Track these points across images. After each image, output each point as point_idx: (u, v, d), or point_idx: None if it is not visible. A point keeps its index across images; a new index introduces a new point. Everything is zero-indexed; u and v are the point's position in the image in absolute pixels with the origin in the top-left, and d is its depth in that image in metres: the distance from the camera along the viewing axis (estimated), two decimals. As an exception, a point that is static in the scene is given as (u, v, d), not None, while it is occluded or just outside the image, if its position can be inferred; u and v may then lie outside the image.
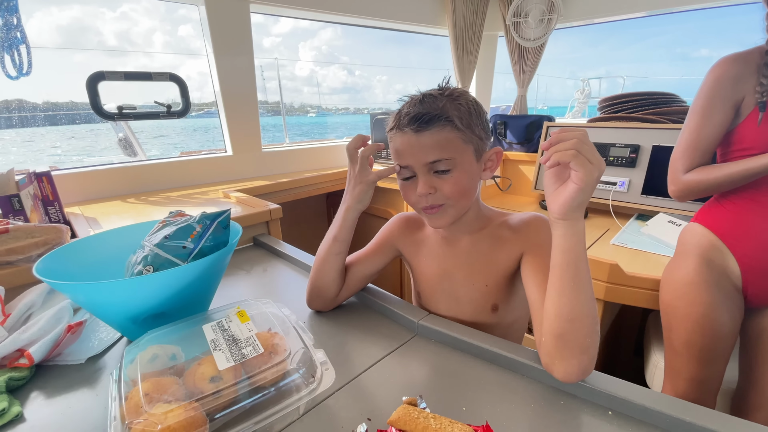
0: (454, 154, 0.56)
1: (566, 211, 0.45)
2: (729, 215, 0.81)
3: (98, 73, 1.34)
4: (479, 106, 0.58)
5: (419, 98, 0.57)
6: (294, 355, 0.45)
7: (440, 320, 0.61)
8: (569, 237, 0.46)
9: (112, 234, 0.72)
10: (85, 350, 0.61)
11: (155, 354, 0.48)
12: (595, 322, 0.46)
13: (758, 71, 0.75)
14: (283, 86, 2.96)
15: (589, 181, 0.43)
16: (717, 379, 0.81)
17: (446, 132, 0.55)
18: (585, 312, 0.46)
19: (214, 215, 0.60)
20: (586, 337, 0.46)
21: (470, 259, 0.65)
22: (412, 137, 0.55)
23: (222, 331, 0.49)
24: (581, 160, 0.42)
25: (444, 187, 0.57)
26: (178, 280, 0.54)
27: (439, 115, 0.54)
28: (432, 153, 0.55)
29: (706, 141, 0.82)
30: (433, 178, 0.57)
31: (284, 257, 0.94)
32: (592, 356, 0.46)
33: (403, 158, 0.57)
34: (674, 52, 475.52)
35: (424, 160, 0.56)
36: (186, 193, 1.44)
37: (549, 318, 0.48)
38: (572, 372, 0.46)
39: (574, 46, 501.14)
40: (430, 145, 0.55)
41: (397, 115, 0.58)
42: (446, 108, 0.55)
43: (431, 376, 0.52)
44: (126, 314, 0.54)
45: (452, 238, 0.67)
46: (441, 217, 0.60)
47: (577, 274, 0.46)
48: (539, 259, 0.57)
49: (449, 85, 0.59)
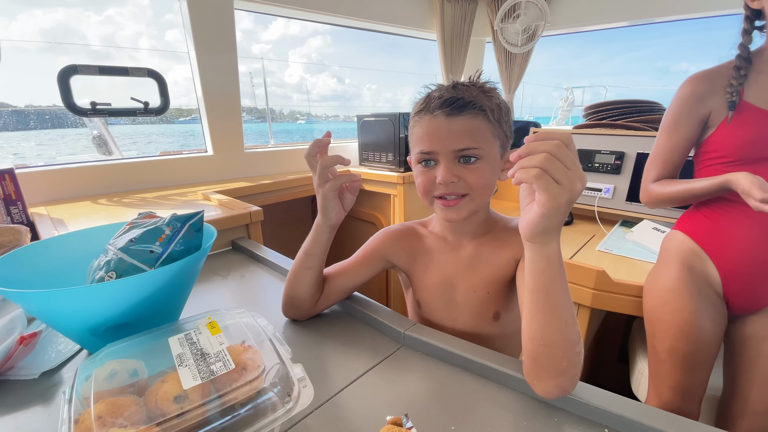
0: (483, 144, 0.53)
1: (531, 235, 0.40)
2: (708, 222, 0.83)
3: (70, 67, 1.27)
4: (507, 106, 0.57)
5: (451, 84, 0.55)
6: (269, 371, 0.41)
7: (428, 330, 0.58)
8: (537, 261, 0.42)
9: (75, 236, 0.67)
10: (39, 364, 0.55)
11: (114, 370, 0.43)
12: (572, 345, 0.42)
13: (728, 79, 0.78)
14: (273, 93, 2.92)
15: (553, 207, 0.36)
16: (701, 386, 0.81)
17: (478, 121, 0.53)
18: (559, 338, 0.42)
19: (185, 217, 0.56)
20: (562, 360, 0.43)
21: (473, 265, 0.62)
22: (442, 121, 0.53)
23: (190, 345, 0.45)
24: (545, 181, 0.36)
25: (468, 177, 0.54)
26: (143, 288, 0.50)
27: (473, 103, 0.52)
28: (463, 140, 0.52)
29: (673, 155, 0.87)
30: (458, 166, 0.54)
31: (264, 262, 0.90)
32: (572, 376, 0.44)
33: (430, 143, 0.54)
34: (655, 65, 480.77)
35: (453, 146, 0.53)
36: (162, 194, 1.38)
37: (524, 339, 0.45)
38: (550, 391, 0.44)
39: (559, 58, 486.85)
40: (461, 132, 0.52)
41: (426, 99, 0.55)
42: (479, 98, 0.53)
43: (418, 392, 0.49)
44: (84, 325, 0.49)
45: (456, 243, 0.64)
46: (460, 209, 0.56)
47: (548, 299, 0.42)
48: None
49: (480, 79, 0.58)
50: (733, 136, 0.77)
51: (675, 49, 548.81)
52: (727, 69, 0.79)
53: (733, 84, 0.77)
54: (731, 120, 0.77)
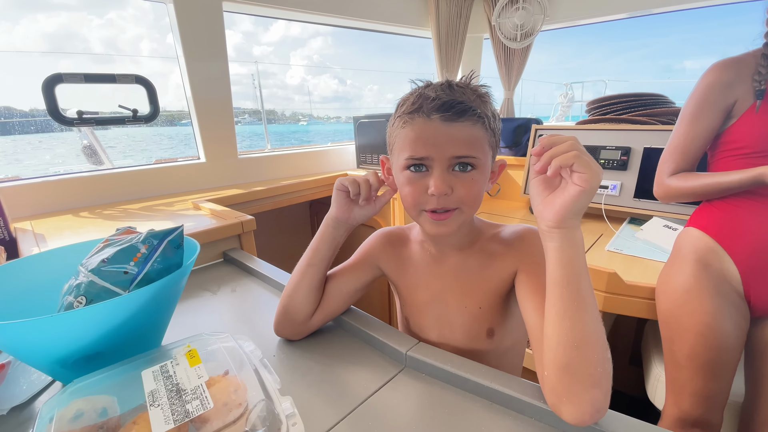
0: (480, 154, 0.49)
1: (564, 218, 0.40)
2: (723, 215, 0.79)
3: (55, 76, 1.23)
4: (498, 113, 0.53)
5: (446, 83, 0.50)
6: (253, 409, 0.37)
7: (431, 350, 0.53)
8: (567, 249, 0.40)
9: (51, 255, 0.62)
10: (9, 398, 0.51)
11: (79, 410, 0.38)
12: (604, 347, 0.39)
13: (755, 68, 0.75)
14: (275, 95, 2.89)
15: (595, 183, 0.38)
16: (724, 393, 0.76)
17: (477, 129, 0.48)
18: (593, 336, 0.39)
19: (162, 233, 0.51)
20: (597, 365, 0.38)
21: (461, 278, 0.57)
22: (440, 126, 0.48)
23: (165, 379, 0.40)
24: (585, 159, 0.38)
25: (461, 189, 0.49)
26: (116, 314, 0.45)
27: (473, 109, 0.48)
28: (461, 147, 0.48)
29: (693, 146, 0.83)
30: (451, 176, 0.49)
31: (256, 275, 0.85)
32: (606, 390, 0.39)
33: (424, 148, 0.48)
34: (658, 63, 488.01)
35: (450, 153, 0.48)
36: (152, 204, 1.33)
37: (551, 346, 0.40)
38: (584, 411, 0.38)
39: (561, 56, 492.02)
40: (459, 139, 0.48)
41: (419, 99, 0.49)
42: (477, 103, 0.49)
43: (423, 421, 0.44)
44: (51, 357, 0.45)
45: (440, 255, 0.59)
46: (450, 223, 0.51)
47: (580, 291, 0.40)
48: (536, 279, 0.49)
49: (474, 82, 0.52)
50: (757, 127, 0.74)
51: (678, 47, 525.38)
52: (753, 57, 0.76)
53: (762, 72, 0.73)
54: (759, 109, 0.74)
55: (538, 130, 1.60)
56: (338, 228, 0.59)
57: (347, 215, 0.58)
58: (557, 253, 0.41)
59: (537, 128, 1.61)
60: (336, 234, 0.59)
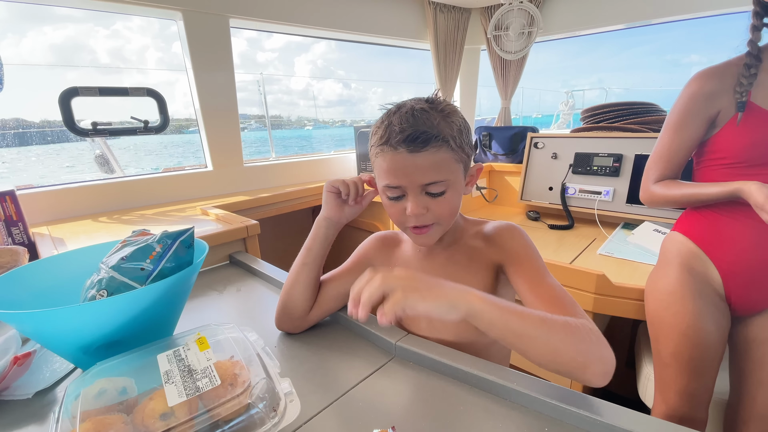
0: (448, 175, 0.53)
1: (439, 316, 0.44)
2: (706, 222, 0.81)
3: (71, 89, 1.30)
4: (466, 123, 0.57)
5: (410, 112, 0.52)
6: (255, 386, 0.41)
7: (419, 341, 0.57)
8: (476, 321, 0.45)
9: (71, 255, 0.68)
10: (34, 383, 0.56)
11: (102, 388, 0.43)
12: (574, 344, 0.44)
13: (737, 78, 0.75)
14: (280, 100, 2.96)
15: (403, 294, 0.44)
16: (707, 390, 0.79)
17: (442, 153, 0.52)
18: (554, 354, 0.44)
19: (175, 234, 0.56)
20: (577, 356, 0.44)
21: (449, 272, 0.62)
22: (406, 157, 0.51)
23: (178, 361, 0.45)
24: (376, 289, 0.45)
25: (436, 208, 0.54)
26: (133, 305, 0.50)
27: (436, 135, 0.51)
28: (428, 175, 0.52)
29: (676, 155, 0.84)
30: (425, 198, 0.54)
31: (260, 276, 0.90)
32: (604, 359, 0.45)
33: (396, 178, 0.53)
34: (664, 59, 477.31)
35: (419, 181, 0.52)
36: (162, 211, 1.39)
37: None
38: (596, 381, 0.45)
39: (564, 56, 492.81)
40: (426, 167, 0.52)
41: (387, 130, 0.52)
42: (441, 127, 0.52)
43: (408, 404, 0.48)
44: (75, 344, 0.50)
45: (429, 252, 0.64)
46: (431, 236, 0.57)
47: (517, 332, 0.44)
48: (523, 268, 0.56)
49: (438, 99, 0.56)
50: (739, 139, 0.74)
51: (684, 42, 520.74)
52: (736, 66, 0.76)
53: (743, 83, 0.73)
54: (740, 122, 0.74)
55: (533, 138, 1.65)
56: (330, 227, 0.64)
57: (339, 215, 0.63)
58: (476, 325, 0.45)
59: (532, 136, 1.66)
60: (328, 233, 0.64)
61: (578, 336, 0.44)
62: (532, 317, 0.45)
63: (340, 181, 0.62)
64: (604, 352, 0.45)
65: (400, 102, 0.56)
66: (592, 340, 0.45)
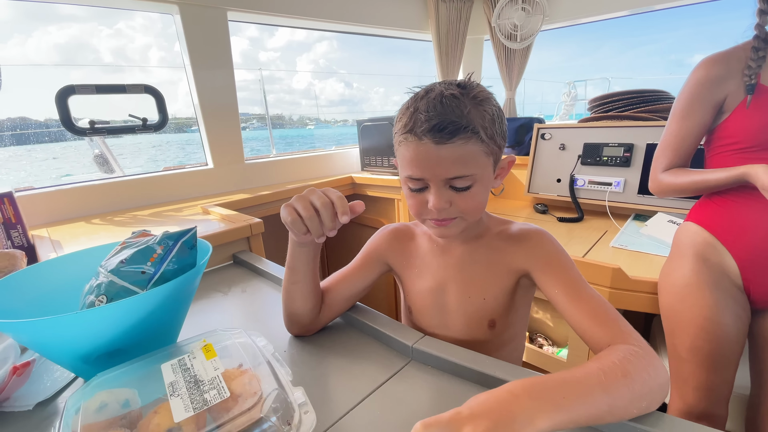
0: (476, 169, 0.49)
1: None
2: (721, 211, 0.79)
3: (68, 87, 1.26)
4: (501, 112, 0.52)
5: (438, 98, 0.47)
6: (267, 397, 0.39)
7: (437, 343, 0.54)
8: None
9: (69, 258, 0.65)
10: (34, 394, 0.53)
11: (103, 402, 0.40)
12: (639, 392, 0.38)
13: (745, 62, 0.75)
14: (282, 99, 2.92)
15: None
16: (727, 386, 0.77)
17: (471, 145, 0.47)
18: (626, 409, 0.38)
19: (177, 234, 0.53)
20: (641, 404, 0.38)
21: (466, 269, 0.59)
22: (431, 149, 0.47)
23: (183, 371, 0.42)
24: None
25: (460, 203, 0.51)
26: (135, 311, 0.47)
27: (465, 126, 0.46)
28: (453, 168, 0.48)
29: (685, 142, 0.83)
30: (449, 191, 0.50)
31: (265, 275, 0.87)
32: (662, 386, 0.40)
33: (418, 170, 0.49)
34: (669, 58, 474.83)
35: (443, 175, 0.48)
36: (162, 210, 1.36)
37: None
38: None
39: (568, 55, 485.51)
40: (452, 160, 0.47)
41: (413, 117, 0.48)
42: (471, 116, 0.47)
43: (429, 412, 0.45)
44: (74, 354, 0.47)
45: (447, 246, 0.61)
46: (452, 228, 0.53)
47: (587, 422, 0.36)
48: (558, 278, 0.52)
49: (471, 83, 0.51)
50: (750, 122, 0.73)
51: (688, 41, 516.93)
52: (743, 51, 0.75)
53: (752, 66, 0.73)
54: (749, 105, 0.74)
55: (540, 129, 1.61)
56: (309, 247, 0.55)
57: (309, 238, 0.50)
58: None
59: (539, 127, 1.62)
60: (309, 251, 0.55)
61: (639, 382, 0.38)
62: (593, 396, 0.36)
63: (303, 202, 0.48)
64: (661, 376, 0.40)
65: (429, 85, 0.51)
66: (650, 374, 0.39)
